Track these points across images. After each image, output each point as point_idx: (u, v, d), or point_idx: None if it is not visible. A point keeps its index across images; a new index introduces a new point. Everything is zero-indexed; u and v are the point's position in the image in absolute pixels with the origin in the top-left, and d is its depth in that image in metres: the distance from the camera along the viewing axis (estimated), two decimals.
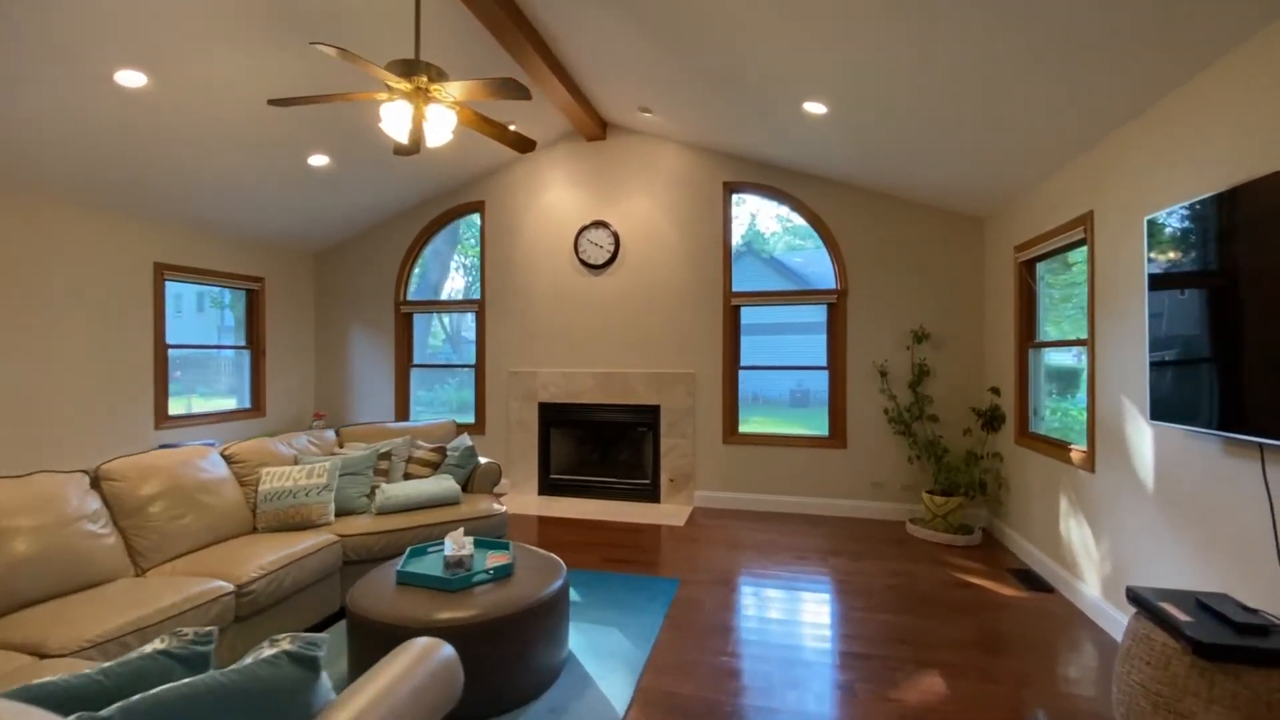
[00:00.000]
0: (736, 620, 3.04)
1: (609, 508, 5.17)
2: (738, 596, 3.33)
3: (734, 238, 5.35)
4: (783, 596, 3.34)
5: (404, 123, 2.74)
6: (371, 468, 3.55)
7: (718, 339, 5.20)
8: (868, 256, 4.90)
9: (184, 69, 3.33)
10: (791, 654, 2.71)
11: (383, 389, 6.05)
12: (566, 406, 5.52)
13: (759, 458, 5.12)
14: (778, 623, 3.02)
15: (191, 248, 5.01)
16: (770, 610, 3.16)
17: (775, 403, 5.87)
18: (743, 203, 5.38)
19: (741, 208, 5.35)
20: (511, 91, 2.72)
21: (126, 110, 3.49)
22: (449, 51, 3.80)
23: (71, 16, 2.79)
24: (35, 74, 3.06)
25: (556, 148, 5.57)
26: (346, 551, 3.01)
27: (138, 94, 3.38)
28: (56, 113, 3.36)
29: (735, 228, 5.34)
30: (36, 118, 3.35)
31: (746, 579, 3.58)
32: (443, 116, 2.77)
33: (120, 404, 4.48)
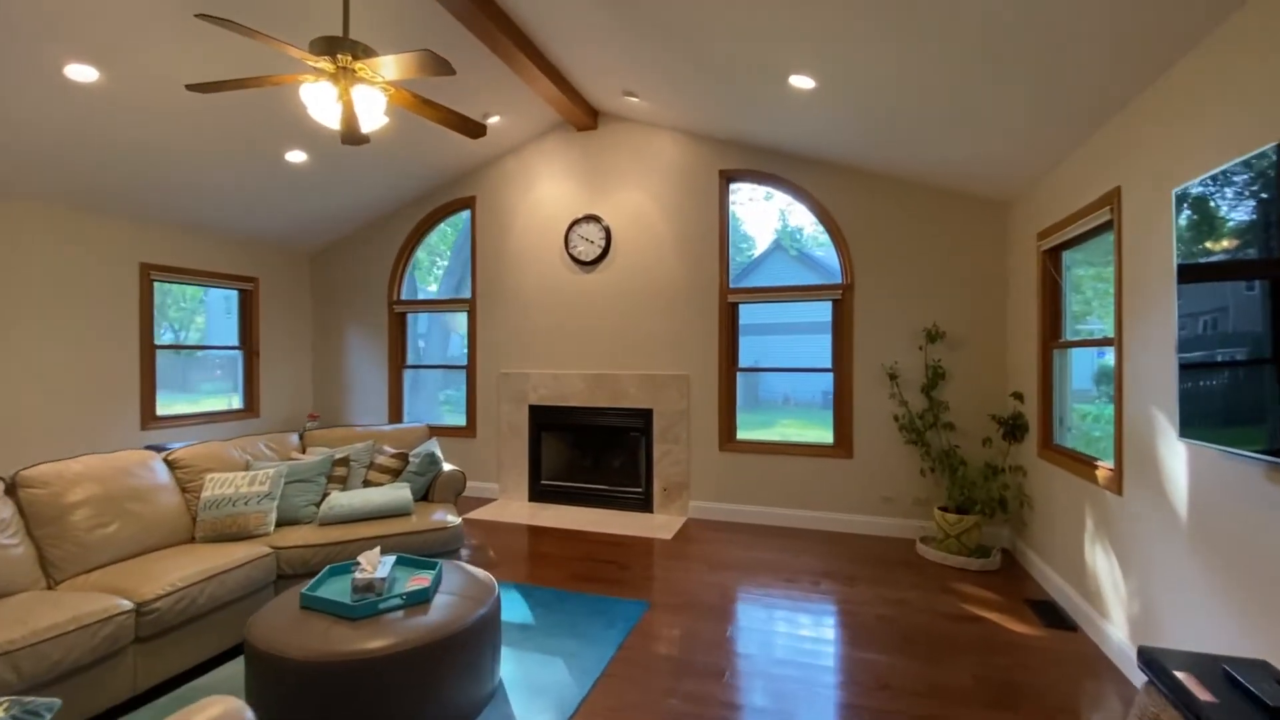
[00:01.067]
0: (696, 655, 2.72)
1: (598, 517, 4.91)
2: (705, 626, 3.00)
3: (767, 235, 5.01)
4: (755, 627, 3.00)
5: (329, 106, 2.54)
6: (324, 474, 3.38)
7: (714, 338, 4.87)
8: (876, 247, 4.48)
9: (134, 60, 3.24)
10: (746, 700, 2.37)
11: (379, 390, 5.95)
12: (557, 410, 5.28)
13: (757, 467, 4.76)
14: (743, 659, 2.68)
15: (181, 248, 5.00)
16: (737, 644, 2.83)
17: (809, 404, 5.51)
18: (738, 191, 5.02)
19: (770, 203, 4.98)
20: (431, 67, 2.49)
21: (78, 105, 3.41)
22: (420, 42, 3.60)
23: (12, 9, 2.71)
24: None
25: (546, 139, 5.34)
26: (282, 565, 2.84)
27: (91, 89, 3.31)
28: (7, 109, 3.32)
29: (766, 225, 5.02)
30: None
31: (720, 605, 3.25)
32: (370, 98, 2.55)
33: (105, 405, 4.48)
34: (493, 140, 5.18)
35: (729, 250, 4.90)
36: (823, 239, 4.74)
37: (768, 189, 4.87)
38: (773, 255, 5.23)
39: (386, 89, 2.71)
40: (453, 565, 2.60)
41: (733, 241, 4.89)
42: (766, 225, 5.17)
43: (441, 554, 3.18)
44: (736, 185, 4.94)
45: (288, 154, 4.43)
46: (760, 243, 5.23)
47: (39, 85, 3.19)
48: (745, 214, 5.14)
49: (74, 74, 3.18)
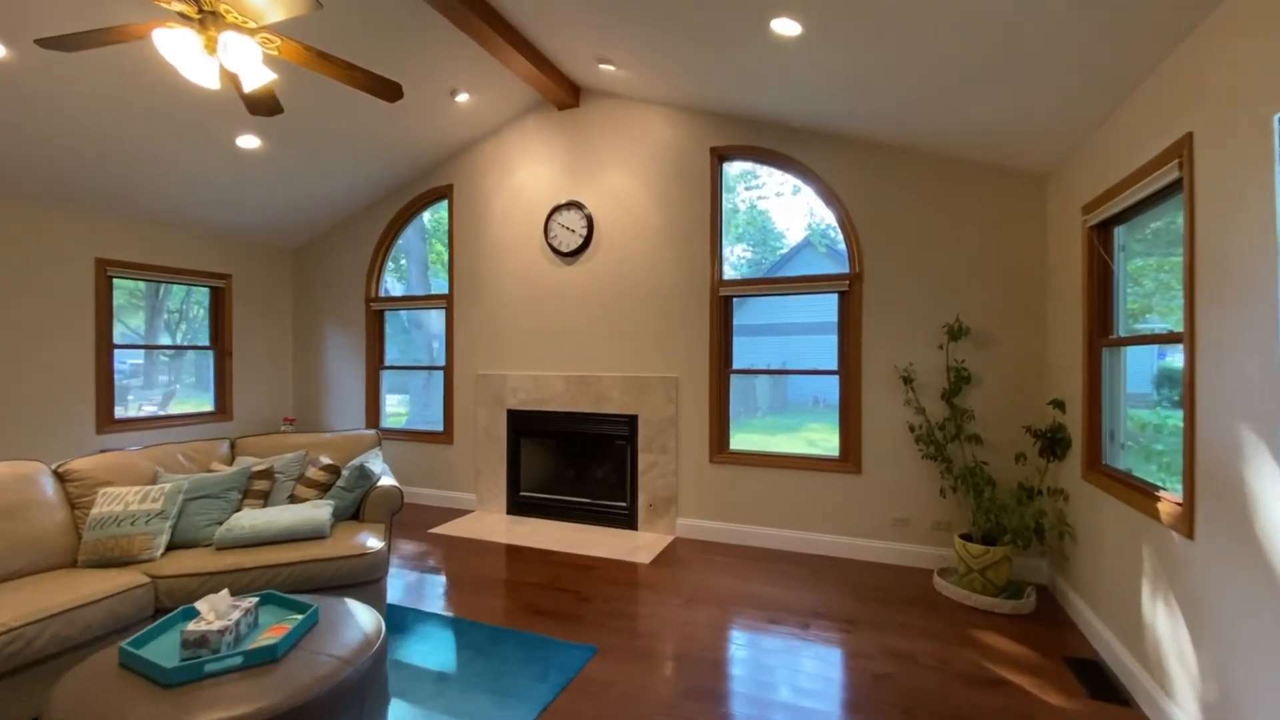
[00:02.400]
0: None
1: (577, 534, 4.43)
2: (654, 684, 2.48)
3: (797, 230, 4.47)
4: (714, 687, 2.46)
5: (197, 59, 2.14)
6: (238, 489, 3.00)
7: (704, 336, 4.33)
8: (889, 230, 3.87)
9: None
10: None
11: (359, 391, 5.62)
12: (537, 415, 4.83)
13: (752, 481, 4.20)
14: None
15: (143, 244, 4.75)
16: (682, 709, 2.30)
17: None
18: (764, 184, 4.47)
19: (799, 197, 4.40)
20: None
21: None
22: (369, 14, 3.20)
23: None
24: None
25: (526, 120, 4.90)
26: (161, 597, 2.45)
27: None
28: None
29: (796, 221, 4.48)
30: None
31: (683, 653, 2.72)
32: (240, 46, 2.14)
33: (56, 407, 4.25)
34: (469, 123, 4.78)
35: (721, 238, 4.36)
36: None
37: (795, 181, 4.29)
38: (803, 252, 4.66)
39: (268, 40, 2.29)
40: (338, 606, 2.16)
41: (763, 239, 4.33)
42: (798, 220, 4.59)
43: (358, 585, 2.76)
44: (732, 164, 4.39)
45: (239, 139, 4.11)
46: (791, 239, 4.67)
47: None
48: (774, 207, 4.58)
49: None
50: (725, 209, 4.39)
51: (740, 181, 4.53)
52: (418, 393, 5.93)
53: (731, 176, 4.43)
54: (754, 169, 4.39)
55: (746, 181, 4.55)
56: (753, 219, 4.70)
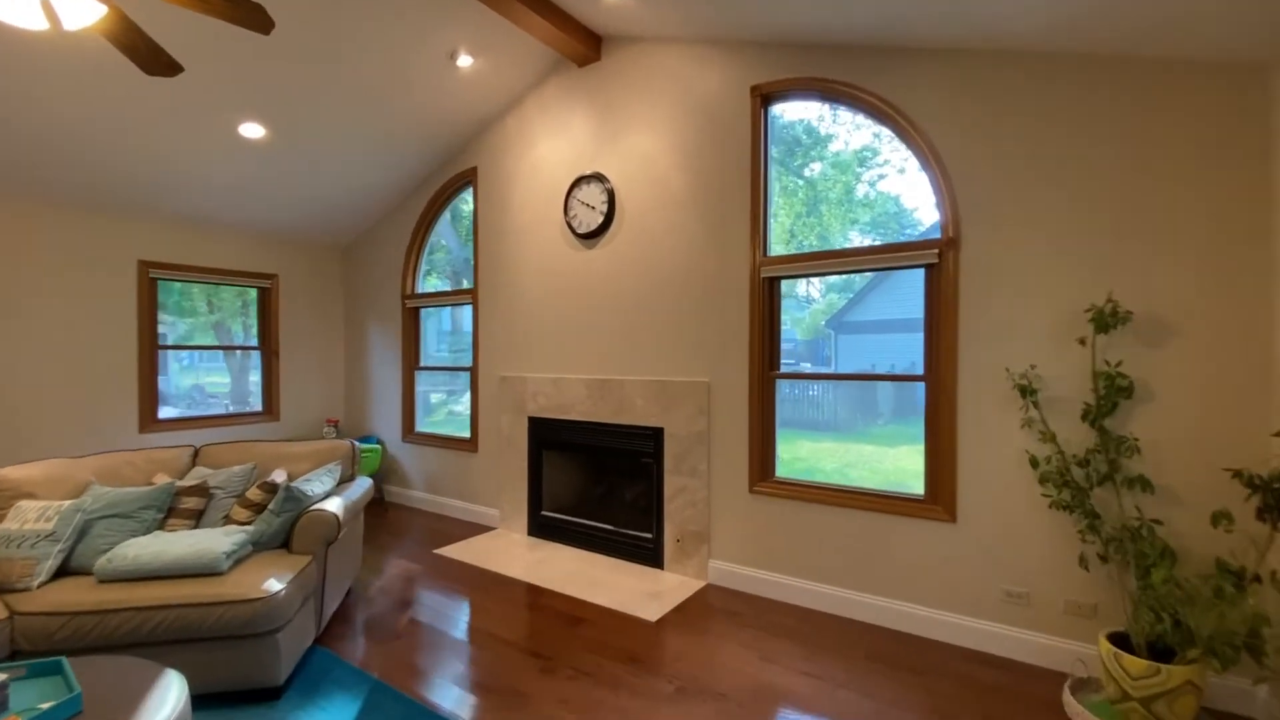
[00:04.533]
0: None
1: (591, 569, 3.71)
2: None
3: (929, 210, 3.49)
4: None
5: None
6: (157, 508, 2.65)
7: (743, 330, 3.39)
8: (1000, 174, 2.68)
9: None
10: None
11: (397, 393, 5.36)
12: (558, 424, 4.18)
13: (804, 520, 3.19)
14: None
15: (186, 245, 4.80)
16: None
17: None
18: (884, 161, 3.45)
19: (888, 173, 3.29)
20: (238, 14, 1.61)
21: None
22: None
23: None
24: None
25: (546, 86, 4.26)
26: (18, 638, 2.10)
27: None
28: None
29: (928, 201, 3.45)
30: None
31: None
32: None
33: (101, 406, 4.36)
34: (486, 96, 4.25)
35: (766, 205, 3.39)
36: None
37: (780, 106, 3.25)
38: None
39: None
40: (133, 680, 1.62)
41: (897, 226, 3.23)
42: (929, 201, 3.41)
43: (246, 637, 2.25)
44: (781, 107, 3.41)
45: (244, 130, 3.90)
46: (928, 221, 3.54)
47: None
48: (900, 187, 3.34)
49: None
50: (816, 181, 3.41)
51: (856, 163, 3.42)
52: (458, 395, 5.56)
53: (843, 159, 3.38)
54: (872, 143, 3.28)
55: (864, 162, 3.41)
56: (880, 204, 3.50)
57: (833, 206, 3.54)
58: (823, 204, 3.57)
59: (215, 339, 5.32)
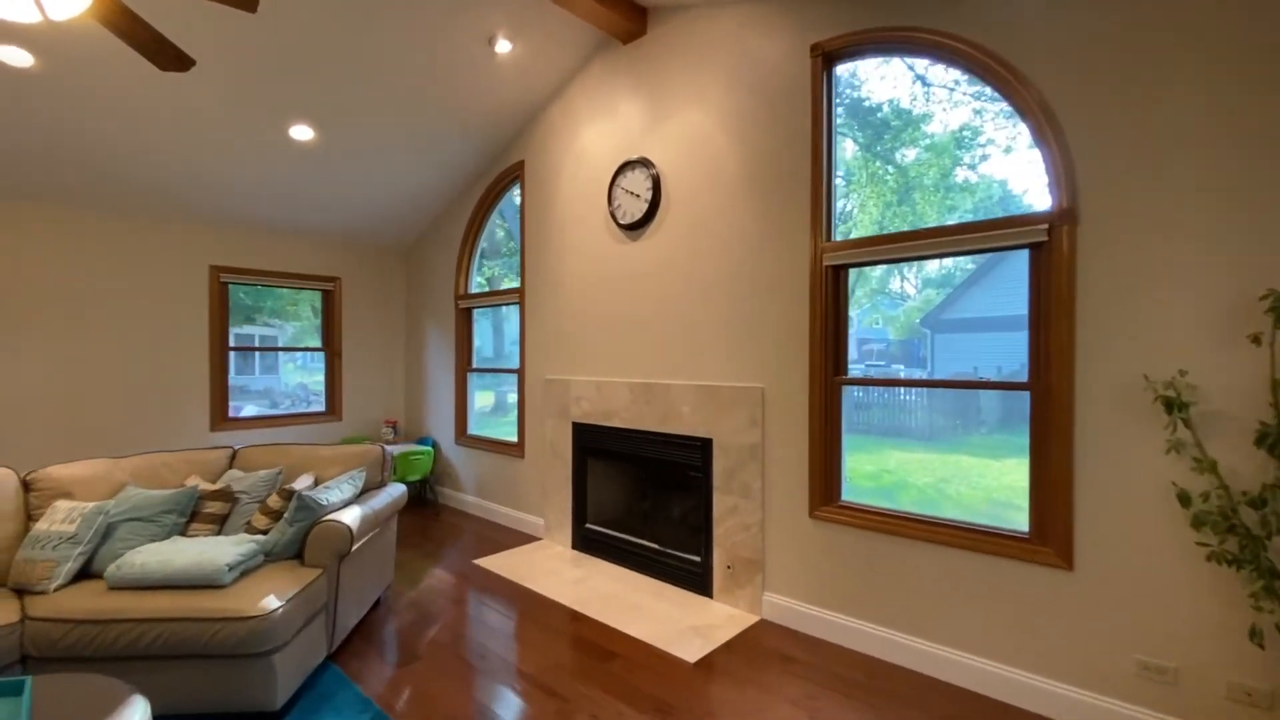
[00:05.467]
0: None
1: (633, 592, 3.38)
2: None
3: (1041, 194, 3.01)
4: None
5: None
6: (179, 512, 2.60)
7: (801, 329, 2.94)
8: (1139, 122, 2.09)
9: (72, 48, 2.91)
10: None
11: (450, 394, 5.30)
12: (602, 431, 3.89)
13: (875, 554, 2.70)
14: None
15: (254, 250, 4.96)
16: None
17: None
18: (982, 134, 2.95)
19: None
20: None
21: (17, 94, 3.20)
22: None
23: None
24: None
25: (590, 69, 3.99)
26: (27, 644, 2.06)
27: (23, 75, 3.07)
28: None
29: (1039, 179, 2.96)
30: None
31: None
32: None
33: (175, 405, 4.57)
34: (531, 85, 4.06)
35: (831, 181, 2.92)
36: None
37: (846, 66, 2.74)
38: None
39: None
40: (60, 684, 1.48)
41: (1003, 214, 2.71)
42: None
43: (240, 657, 2.11)
44: (847, 69, 2.93)
45: (294, 132, 3.92)
46: (1038, 205, 2.94)
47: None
48: (1004, 169, 2.76)
49: (4, 55, 2.95)
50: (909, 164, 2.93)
51: (954, 144, 2.89)
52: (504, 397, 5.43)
53: (940, 141, 2.87)
54: (973, 120, 2.74)
55: (963, 143, 2.86)
56: (983, 188, 2.93)
57: (927, 193, 3.00)
58: (915, 191, 3.04)
59: (320, 342, 5.48)
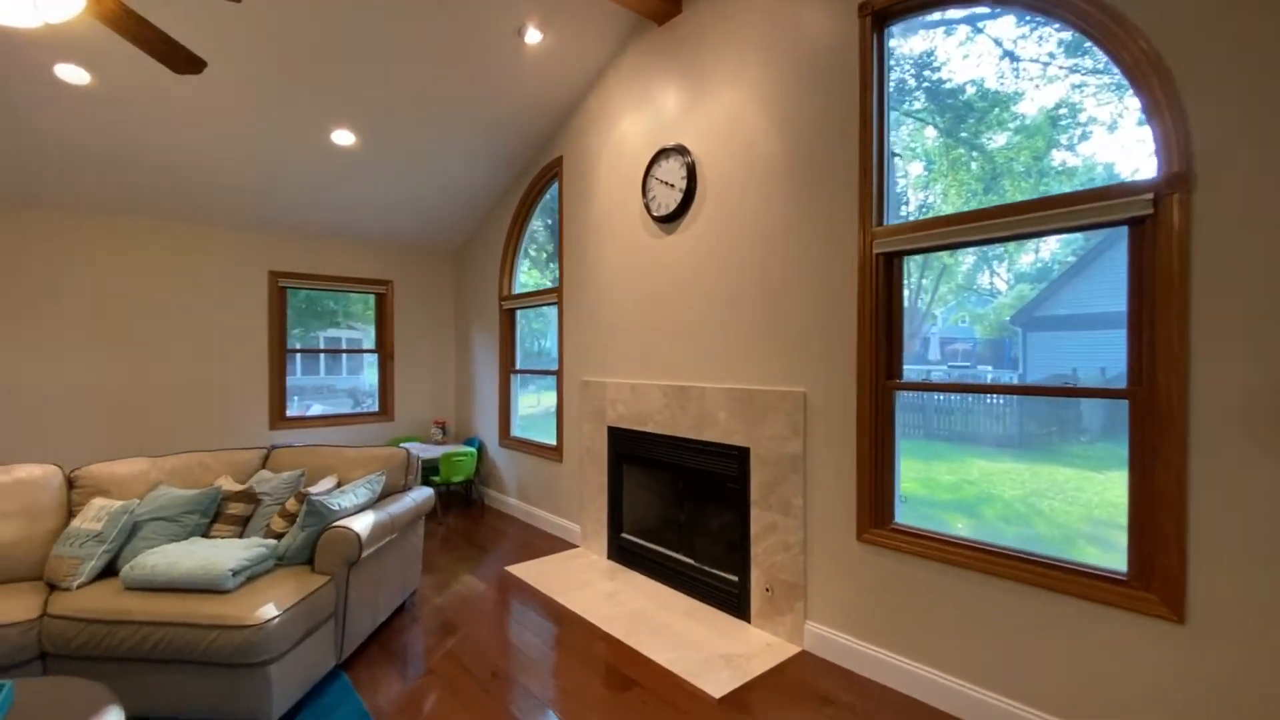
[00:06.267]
0: None
1: (663, 611, 3.15)
2: None
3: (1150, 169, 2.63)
4: None
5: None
6: (200, 512, 2.61)
7: (849, 326, 2.60)
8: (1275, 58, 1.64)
9: (125, 64, 3.05)
10: None
11: (494, 395, 5.26)
12: (636, 437, 3.67)
13: (933, 586, 2.32)
14: None
15: (311, 255, 5.11)
16: None
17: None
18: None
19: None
20: None
21: (78, 110, 3.38)
22: None
23: None
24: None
25: (626, 55, 3.79)
26: (44, 641, 2.10)
27: (82, 91, 3.24)
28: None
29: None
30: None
31: None
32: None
33: (237, 405, 4.77)
34: (566, 76, 3.92)
35: (883, 158, 2.56)
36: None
37: (900, 27, 2.35)
38: None
39: None
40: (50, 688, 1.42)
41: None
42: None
43: (234, 666, 2.06)
44: (902, 27, 2.56)
45: (333, 134, 3.98)
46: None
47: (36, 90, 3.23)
48: (1109, 150, 2.22)
49: (64, 74, 3.12)
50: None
51: (1049, 124, 2.47)
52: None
53: (1032, 122, 2.47)
54: (1069, 96, 2.30)
55: (1058, 123, 2.41)
56: (1085, 172, 2.48)
57: (1018, 179, 2.58)
58: (1005, 178, 2.62)
59: (374, 344, 5.65)
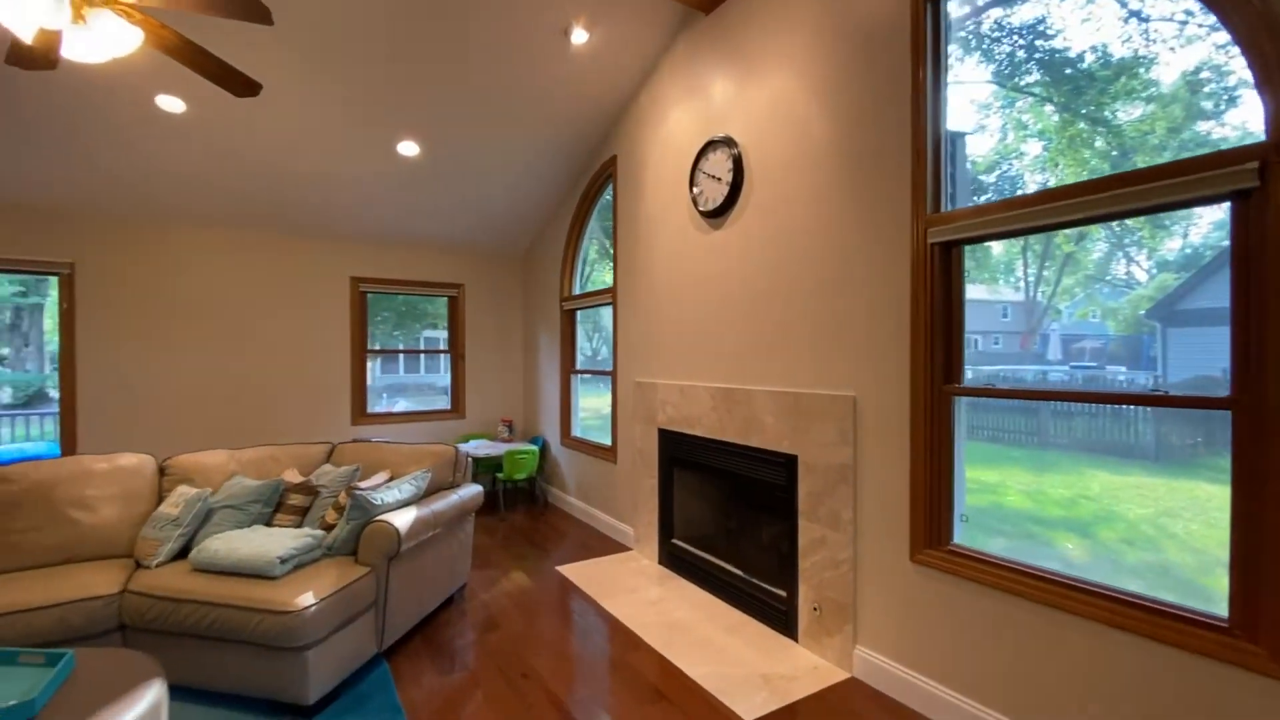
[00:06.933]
0: None
1: (707, 624, 3.03)
2: None
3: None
4: None
5: (42, 13, 1.86)
6: (263, 502, 2.81)
7: (901, 324, 2.37)
8: None
9: (215, 93, 3.38)
10: None
11: (556, 395, 5.34)
12: (686, 440, 3.57)
13: (996, 618, 2.05)
14: None
15: (389, 261, 5.42)
16: None
17: None
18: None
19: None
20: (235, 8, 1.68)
21: (177, 136, 3.75)
22: None
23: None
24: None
25: (676, 48, 3.69)
26: (124, 614, 2.33)
27: (180, 119, 3.60)
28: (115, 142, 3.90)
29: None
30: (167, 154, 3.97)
31: None
32: (110, 29, 1.82)
33: (323, 401, 5.15)
34: (617, 74, 3.90)
35: (941, 137, 2.30)
36: None
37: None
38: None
39: (130, 14, 1.92)
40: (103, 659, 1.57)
41: None
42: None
43: (274, 649, 2.18)
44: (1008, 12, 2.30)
45: (399, 145, 4.19)
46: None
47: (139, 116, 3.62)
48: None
49: (164, 104, 3.49)
50: None
51: (1187, 90, 2.14)
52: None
53: (1169, 90, 2.19)
54: (1212, 58, 2.02)
55: (1199, 89, 2.07)
56: (1235, 144, 2.16)
57: (1153, 154, 2.24)
58: (1137, 154, 2.29)
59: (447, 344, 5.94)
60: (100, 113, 3.50)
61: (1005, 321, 2.77)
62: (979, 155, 2.48)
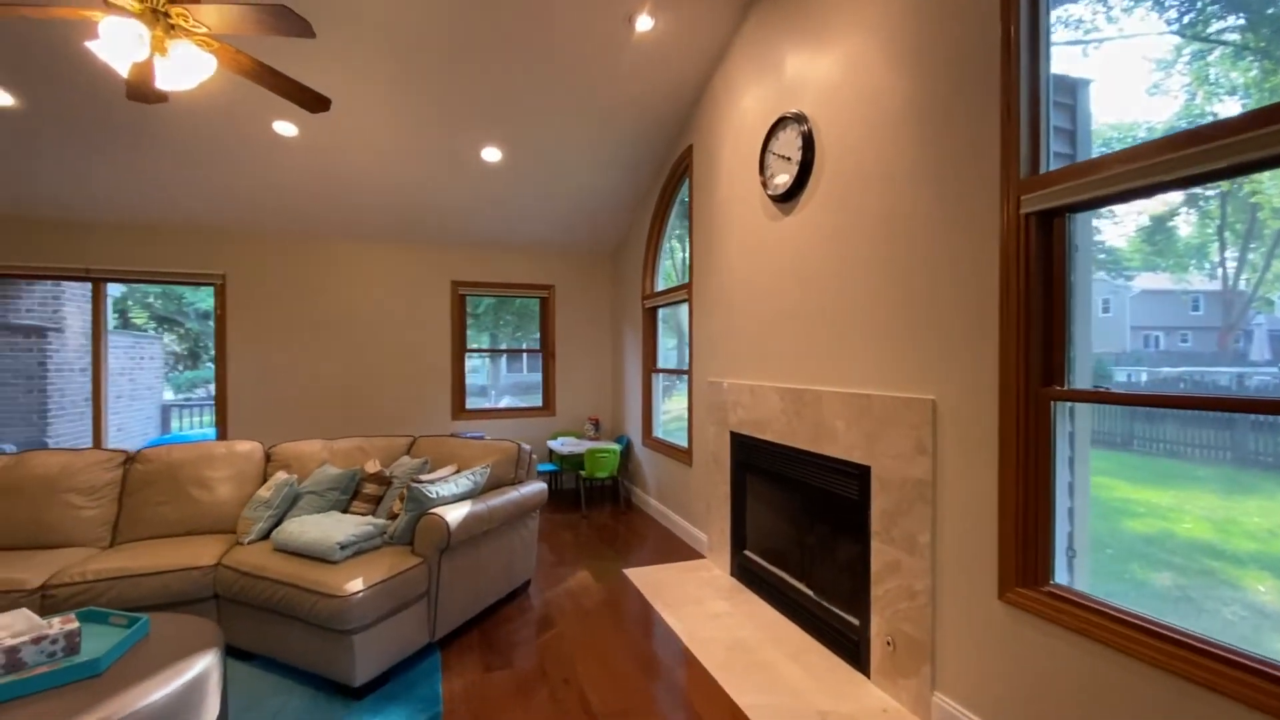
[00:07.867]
0: None
1: (773, 648, 2.78)
2: None
3: None
4: None
5: (128, 49, 2.09)
6: (341, 490, 3.01)
7: (989, 315, 1.97)
8: None
9: (322, 117, 3.74)
10: None
11: (639, 394, 5.27)
12: (755, 444, 3.32)
13: (1109, 682, 1.62)
14: None
15: (485, 265, 5.69)
16: None
17: None
18: None
19: None
20: (284, 24, 1.87)
21: (293, 157, 4.16)
22: None
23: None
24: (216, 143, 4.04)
25: (745, 29, 3.45)
26: (216, 584, 2.59)
27: (292, 142, 4.00)
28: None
29: None
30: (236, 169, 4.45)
31: None
32: (189, 58, 2.04)
33: (427, 397, 5.52)
34: (688, 60, 3.75)
35: (1039, 92, 1.88)
36: None
37: None
38: None
39: (209, 47, 2.12)
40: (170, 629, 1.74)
41: None
42: None
43: (326, 629, 2.30)
44: None
45: (482, 151, 4.35)
46: None
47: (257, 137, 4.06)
48: None
49: (281, 129, 3.91)
50: None
51: None
52: None
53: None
54: None
55: None
56: None
57: None
58: None
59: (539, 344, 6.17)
60: (226, 141, 4.00)
61: (1196, 315, 2.34)
62: (1108, 115, 2.00)
